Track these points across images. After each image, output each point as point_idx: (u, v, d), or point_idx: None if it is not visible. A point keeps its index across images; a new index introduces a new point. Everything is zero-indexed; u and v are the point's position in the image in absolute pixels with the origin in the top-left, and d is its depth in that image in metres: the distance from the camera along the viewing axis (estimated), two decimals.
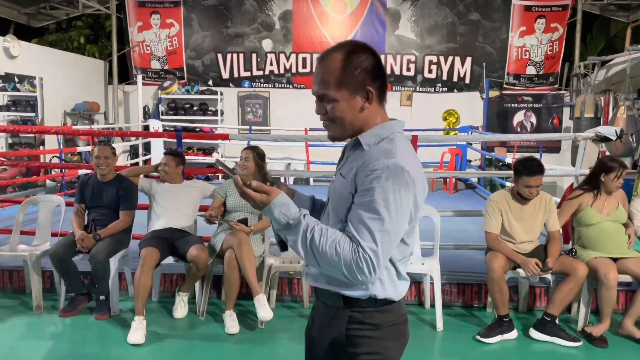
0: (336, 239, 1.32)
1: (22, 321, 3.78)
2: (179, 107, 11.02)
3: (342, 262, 1.30)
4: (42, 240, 4.24)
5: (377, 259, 1.31)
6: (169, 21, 11.24)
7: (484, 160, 9.93)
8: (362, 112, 1.42)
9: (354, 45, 1.42)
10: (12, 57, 8.57)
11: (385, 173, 1.32)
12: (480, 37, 11.04)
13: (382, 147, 1.39)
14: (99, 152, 3.98)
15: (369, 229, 1.31)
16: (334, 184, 1.48)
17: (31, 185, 8.60)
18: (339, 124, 1.43)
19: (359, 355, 1.44)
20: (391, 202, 1.31)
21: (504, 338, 3.52)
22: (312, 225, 1.33)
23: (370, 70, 1.40)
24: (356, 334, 1.44)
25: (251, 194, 1.34)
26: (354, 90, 1.40)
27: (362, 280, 1.33)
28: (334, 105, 1.41)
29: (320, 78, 1.42)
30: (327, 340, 1.48)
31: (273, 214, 1.35)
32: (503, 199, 3.72)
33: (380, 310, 1.45)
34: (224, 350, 3.38)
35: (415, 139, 4.42)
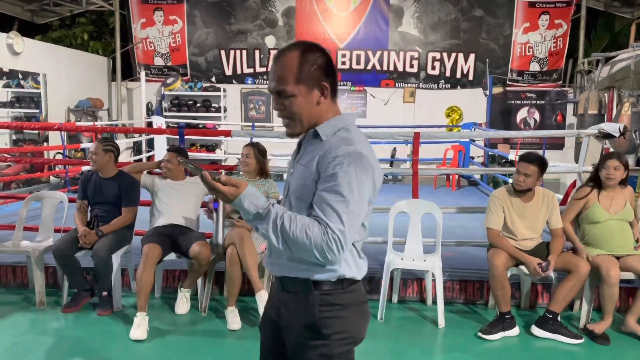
0: (305, 223, 1.40)
1: (25, 317, 3.80)
2: (182, 104, 11.03)
3: (313, 244, 1.39)
4: (45, 236, 4.25)
5: (345, 238, 1.41)
6: (172, 18, 11.24)
7: (487, 157, 9.91)
8: (318, 106, 1.53)
9: (308, 44, 1.54)
10: (16, 54, 8.59)
11: (347, 159, 1.43)
12: (484, 33, 10.99)
13: (340, 137, 1.50)
14: (92, 148, 4.01)
15: (336, 211, 1.41)
16: (294, 175, 1.58)
17: (35, 182, 8.63)
18: (297, 119, 1.53)
19: (331, 335, 1.52)
20: (354, 185, 1.42)
21: (505, 335, 3.52)
22: (281, 213, 1.41)
23: (324, 67, 1.52)
24: (327, 316, 1.53)
25: (220, 187, 1.40)
26: (311, 86, 1.50)
27: (332, 260, 1.42)
28: (292, 100, 1.50)
29: (277, 75, 1.51)
30: (299, 326, 1.55)
31: (243, 205, 1.41)
32: (505, 195, 3.71)
33: (347, 290, 1.55)
34: (226, 346, 3.39)
35: (418, 135, 4.42)
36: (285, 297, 1.60)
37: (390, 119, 10.56)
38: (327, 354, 1.52)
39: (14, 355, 3.24)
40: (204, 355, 3.28)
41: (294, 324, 1.56)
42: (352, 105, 11.14)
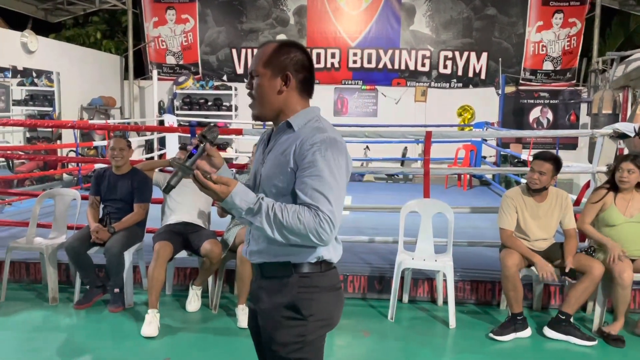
0: (296, 210, 1.47)
1: (38, 312, 3.84)
2: (193, 102, 11.06)
3: (307, 228, 1.46)
4: (58, 233, 4.29)
5: (334, 217, 1.49)
6: (184, 16, 11.28)
7: (499, 156, 9.83)
8: (280, 94, 1.61)
9: (290, 42, 1.65)
10: (30, 52, 8.67)
11: (323, 145, 1.52)
12: (497, 32, 10.90)
13: (312, 126, 1.59)
14: (114, 143, 4.03)
15: (322, 194, 1.49)
16: (265, 166, 1.64)
17: (48, 179, 8.71)
18: (259, 101, 1.62)
19: (309, 317, 1.59)
20: (334, 168, 1.52)
21: (517, 336, 3.49)
22: (271, 205, 1.48)
23: (296, 61, 1.61)
24: (306, 297, 1.60)
25: (212, 186, 1.44)
26: (276, 72, 1.60)
27: (326, 240, 1.49)
28: (257, 81, 1.61)
29: (254, 58, 1.64)
30: (278, 307, 1.60)
31: (235, 202, 1.46)
32: (518, 195, 3.68)
33: (325, 274, 1.63)
34: (236, 344, 3.40)
35: (429, 135, 4.39)
36: (264, 284, 1.66)
37: (402, 118, 10.51)
38: (303, 334, 1.59)
39: (27, 350, 3.27)
40: (215, 352, 3.29)
41: (273, 306, 1.61)
42: (363, 104, 11.11)
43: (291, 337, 1.59)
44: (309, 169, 1.51)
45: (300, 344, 1.59)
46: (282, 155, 1.58)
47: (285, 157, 1.56)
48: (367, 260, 4.52)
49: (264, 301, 1.65)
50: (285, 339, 1.59)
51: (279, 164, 1.58)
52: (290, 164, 1.55)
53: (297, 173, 1.54)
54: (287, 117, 1.62)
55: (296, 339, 1.58)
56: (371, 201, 7.57)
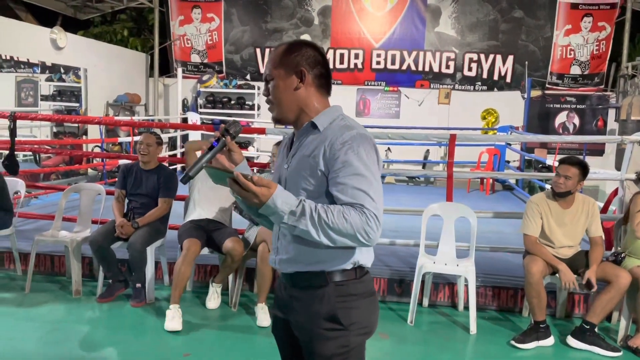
0: (340, 209, 1.42)
1: (61, 305, 3.90)
2: (217, 101, 11.15)
3: (354, 227, 1.41)
4: (83, 227, 4.36)
5: (379, 212, 1.45)
6: (210, 15, 11.37)
7: (523, 161, 9.69)
8: (296, 91, 1.57)
9: (300, 41, 1.63)
10: (59, 49, 8.83)
11: (354, 142, 1.48)
12: (524, 35, 10.75)
13: (339, 125, 1.54)
14: (142, 138, 4.09)
15: (364, 191, 1.45)
16: (290, 170, 1.58)
17: (73, 174, 8.86)
18: (277, 103, 1.58)
19: (349, 325, 1.54)
20: (368, 163, 1.48)
21: (540, 344, 3.43)
22: (314, 206, 1.42)
23: (308, 57, 1.58)
24: (345, 306, 1.55)
25: (253, 188, 1.37)
26: (289, 70, 1.56)
27: (373, 238, 1.43)
28: (272, 84, 1.58)
29: (266, 64, 1.62)
30: (317, 318, 1.55)
31: (277, 205, 1.39)
32: (544, 201, 3.61)
33: (361, 280, 1.59)
34: (255, 343, 3.41)
35: (454, 137, 4.34)
36: (297, 294, 1.60)
37: (424, 120, 10.43)
38: (346, 344, 1.54)
39: (50, 342, 3.32)
40: (234, 350, 3.30)
41: (311, 317, 1.56)
42: (386, 106, 11.06)
43: (334, 348, 1.54)
44: (344, 168, 1.46)
45: (344, 354, 1.55)
46: (309, 158, 1.53)
47: (313, 160, 1.51)
48: (387, 262, 4.50)
49: (300, 313, 1.59)
50: (328, 351, 1.54)
51: (307, 167, 1.53)
52: (319, 166, 1.50)
53: (329, 175, 1.49)
54: (310, 117, 1.58)
55: (340, 350, 1.54)
56: (392, 203, 7.52)
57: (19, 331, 3.45)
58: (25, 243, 4.51)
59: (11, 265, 4.54)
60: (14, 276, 4.46)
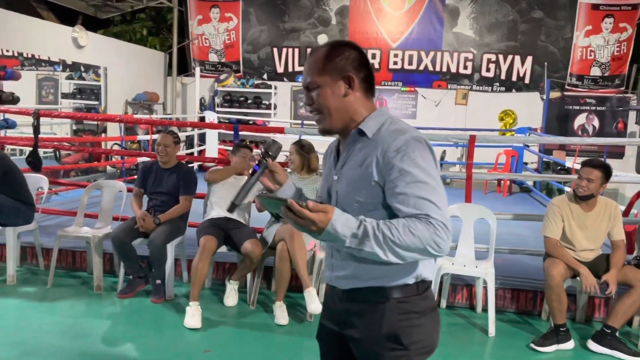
0: (405, 223, 1.31)
1: (82, 300, 3.96)
2: (234, 100, 11.21)
3: (423, 240, 1.30)
4: (104, 223, 4.41)
5: (447, 220, 1.35)
6: (228, 15, 11.44)
7: (541, 163, 9.60)
8: (345, 97, 1.47)
9: (340, 41, 1.52)
10: (80, 47, 8.95)
11: (409, 147, 1.37)
12: (543, 35, 10.65)
13: (389, 130, 1.43)
14: (160, 139, 4.12)
15: (428, 199, 1.34)
16: (341, 182, 1.49)
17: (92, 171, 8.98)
18: (326, 112, 1.48)
19: (410, 345, 1.45)
20: (427, 168, 1.37)
21: (559, 348, 3.40)
22: (375, 224, 1.31)
23: (353, 60, 1.48)
24: (407, 324, 1.46)
25: (310, 215, 1.26)
26: (336, 76, 1.46)
27: (444, 249, 1.33)
28: (318, 92, 1.47)
29: (306, 70, 1.50)
30: (377, 336, 1.46)
31: (337, 230, 1.28)
32: (565, 203, 3.58)
33: (423, 296, 1.49)
34: (273, 340, 3.43)
35: (473, 138, 4.33)
36: (354, 308, 1.51)
37: (441, 121, 10.39)
38: None
39: (72, 336, 3.38)
40: (252, 347, 3.33)
41: (370, 335, 1.47)
42: (402, 106, 11.03)
43: None
44: (402, 177, 1.36)
45: None
46: (361, 168, 1.43)
47: (366, 170, 1.42)
48: None
49: (358, 329, 1.50)
50: None
51: (359, 178, 1.43)
52: (373, 176, 1.40)
53: (386, 185, 1.39)
54: (356, 123, 1.48)
55: None
56: None
57: (42, 325, 3.51)
58: (48, 238, 4.59)
59: (34, 260, 4.61)
60: (36, 271, 4.54)
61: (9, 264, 4.22)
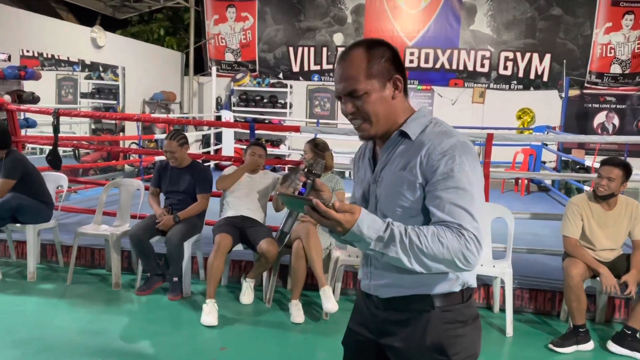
0: (434, 232, 1.26)
1: (101, 297, 4.01)
2: (249, 99, 11.26)
3: (451, 251, 1.25)
4: (122, 221, 4.46)
5: (480, 233, 1.28)
6: (244, 14, 11.49)
7: (559, 162, 9.48)
8: (393, 100, 1.40)
9: (371, 39, 1.42)
10: (99, 47, 9.06)
11: (456, 152, 1.31)
12: (562, 33, 10.51)
13: (434, 131, 1.38)
14: (166, 147, 4.10)
15: (464, 209, 1.28)
16: (382, 185, 1.43)
17: (111, 169, 9.08)
18: (373, 119, 1.39)
19: (454, 355, 1.40)
20: (471, 176, 1.31)
21: (579, 349, 3.36)
22: (403, 229, 1.26)
23: (392, 59, 1.40)
24: (451, 334, 1.40)
25: (336, 216, 1.21)
26: (383, 80, 1.38)
27: (473, 263, 1.27)
28: (365, 98, 1.37)
29: (346, 75, 1.38)
30: (422, 350, 1.41)
31: (362, 231, 1.23)
32: (585, 202, 3.53)
33: (466, 304, 1.43)
34: (289, 338, 3.44)
35: (491, 137, 4.29)
36: (396, 316, 1.45)
37: (458, 120, 10.28)
38: None
39: (90, 332, 3.42)
40: (268, 345, 3.34)
41: (413, 345, 1.42)
42: (418, 105, 10.95)
43: None
44: (444, 181, 1.30)
45: None
46: (404, 171, 1.37)
47: (410, 173, 1.35)
48: None
49: (399, 339, 1.44)
50: None
51: (403, 182, 1.37)
52: (418, 179, 1.34)
53: (426, 187, 1.33)
54: (398, 125, 1.42)
55: None
56: None
57: (62, 321, 3.57)
58: (67, 236, 4.65)
59: (54, 257, 4.69)
60: (56, 268, 4.61)
61: (29, 261, 4.29)
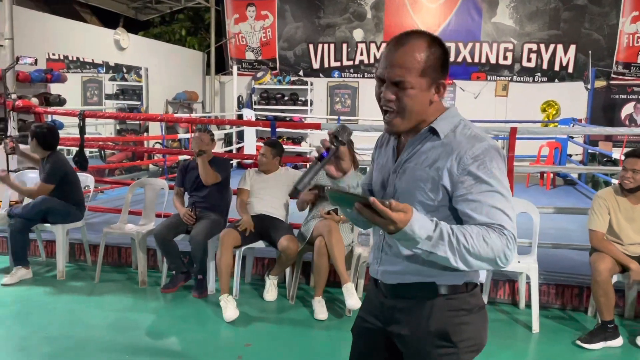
0: (479, 232, 1.30)
1: (128, 294, 4.08)
2: (270, 97, 11.31)
3: (495, 251, 1.29)
4: (148, 220, 4.54)
5: (516, 233, 1.34)
6: (264, 13, 11.54)
7: (586, 155, 9.29)
8: (430, 105, 1.42)
9: (433, 35, 1.42)
10: (122, 49, 9.20)
11: (487, 157, 1.35)
12: (587, 23, 10.28)
13: (464, 134, 1.40)
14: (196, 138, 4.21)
15: (502, 210, 1.33)
16: (402, 178, 1.44)
17: (136, 169, 9.23)
18: (407, 114, 1.40)
19: (459, 342, 1.43)
20: (502, 179, 1.36)
21: (607, 345, 3.30)
22: (450, 229, 1.28)
23: (443, 62, 1.41)
24: (456, 322, 1.44)
25: (392, 215, 1.19)
26: (431, 82, 1.39)
27: (510, 261, 1.32)
28: (408, 92, 1.37)
29: (401, 62, 1.36)
30: (428, 336, 1.45)
31: (414, 231, 1.22)
32: (611, 196, 3.46)
33: (471, 294, 1.47)
34: (312, 335, 3.45)
35: (514, 131, 4.23)
36: (402, 304, 1.49)
37: (481, 114, 10.17)
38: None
39: (118, 329, 3.49)
40: (292, 342, 3.36)
41: (418, 332, 1.46)
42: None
43: None
44: (478, 185, 1.34)
45: None
46: (430, 169, 1.39)
47: (436, 172, 1.38)
48: None
49: (405, 326, 1.48)
50: None
51: (427, 179, 1.40)
52: (442, 180, 1.37)
53: (457, 190, 1.36)
54: (427, 122, 1.43)
55: None
56: None
57: (91, 318, 3.65)
58: (95, 235, 4.75)
59: (81, 256, 4.79)
60: (84, 266, 4.71)
61: (59, 260, 4.39)
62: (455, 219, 1.40)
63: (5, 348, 3.19)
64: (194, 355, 3.16)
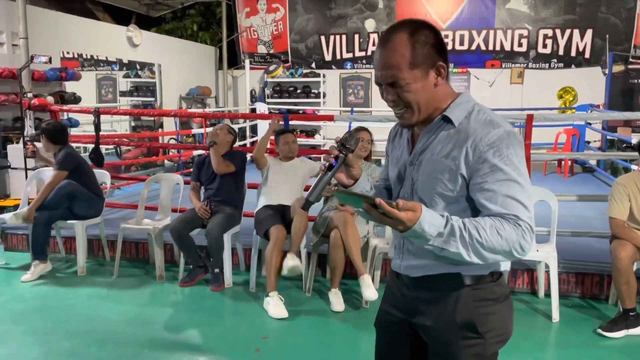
0: (492, 224, 1.27)
1: (146, 289, 4.12)
2: (283, 90, 11.30)
3: (510, 243, 1.27)
4: (164, 215, 4.57)
5: (533, 222, 1.31)
6: (275, 6, 11.50)
7: (604, 141, 9.14)
8: (435, 88, 1.38)
9: (414, 22, 1.37)
10: (135, 46, 9.25)
11: (503, 143, 1.31)
12: (604, 7, 10.07)
13: (479, 120, 1.36)
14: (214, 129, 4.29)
15: (518, 200, 1.30)
16: (420, 170, 1.41)
17: (151, 165, 9.30)
18: (415, 107, 1.38)
19: (486, 333, 1.40)
20: (519, 167, 1.32)
21: (629, 333, 3.25)
22: (462, 224, 1.26)
23: (435, 44, 1.36)
24: (482, 312, 1.41)
25: (399, 215, 1.20)
26: (426, 69, 1.35)
27: (527, 251, 1.30)
28: (407, 88, 1.35)
29: (388, 63, 1.34)
30: (454, 327, 1.42)
31: (424, 229, 1.22)
32: (631, 182, 3.39)
33: (496, 283, 1.44)
34: (330, 327, 3.45)
35: (531, 118, 4.16)
36: (426, 295, 1.46)
37: (496, 102, 10.03)
38: (482, 353, 1.41)
39: (137, 324, 3.52)
40: (309, 334, 3.37)
41: (444, 323, 1.43)
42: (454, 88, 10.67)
43: (469, 356, 1.40)
44: (493, 173, 1.30)
45: None
46: (447, 159, 1.36)
47: (452, 162, 1.35)
48: None
49: (429, 317, 1.45)
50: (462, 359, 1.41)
51: (444, 169, 1.36)
52: (460, 169, 1.34)
53: (473, 179, 1.33)
54: (440, 110, 1.40)
55: (475, 358, 1.41)
56: None
57: (110, 313, 3.69)
58: (112, 231, 4.80)
59: (100, 252, 4.84)
60: (103, 262, 4.76)
61: (79, 256, 4.44)
62: (473, 209, 1.37)
63: (27, 343, 3.24)
64: (212, 349, 3.18)
